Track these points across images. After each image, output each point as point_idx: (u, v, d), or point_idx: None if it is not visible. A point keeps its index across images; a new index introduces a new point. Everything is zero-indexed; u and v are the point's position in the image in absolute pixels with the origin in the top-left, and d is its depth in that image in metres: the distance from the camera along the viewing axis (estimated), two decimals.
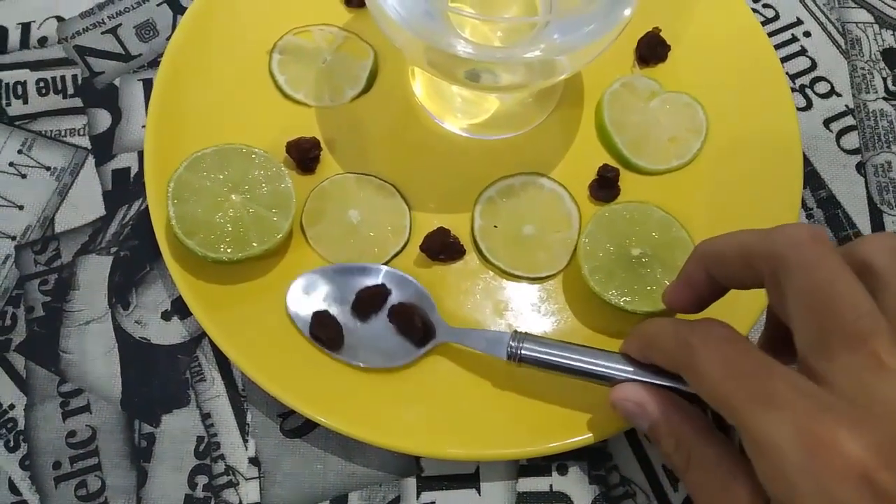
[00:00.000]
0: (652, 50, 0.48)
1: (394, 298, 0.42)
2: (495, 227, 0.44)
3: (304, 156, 0.44)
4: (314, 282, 0.42)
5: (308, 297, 0.42)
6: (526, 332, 0.39)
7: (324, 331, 0.41)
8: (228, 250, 0.40)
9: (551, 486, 0.41)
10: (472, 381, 0.41)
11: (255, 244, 0.40)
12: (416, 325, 0.41)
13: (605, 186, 0.44)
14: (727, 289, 0.36)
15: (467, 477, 0.41)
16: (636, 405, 0.35)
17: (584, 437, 0.39)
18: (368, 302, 0.42)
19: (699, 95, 0.46)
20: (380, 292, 0.42)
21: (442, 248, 0.43)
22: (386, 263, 0.43)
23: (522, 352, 0.38)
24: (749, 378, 0.29)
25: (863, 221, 0.47)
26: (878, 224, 0.46)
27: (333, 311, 0.42)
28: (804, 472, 0.26)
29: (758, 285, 0.33)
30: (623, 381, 0.36)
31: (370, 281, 0.42)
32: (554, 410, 0.40)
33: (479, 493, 0.41)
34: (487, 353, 0.39)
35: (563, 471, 0.41)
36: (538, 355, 0.38)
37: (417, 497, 0.41)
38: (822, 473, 0.26)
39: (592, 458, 0.41)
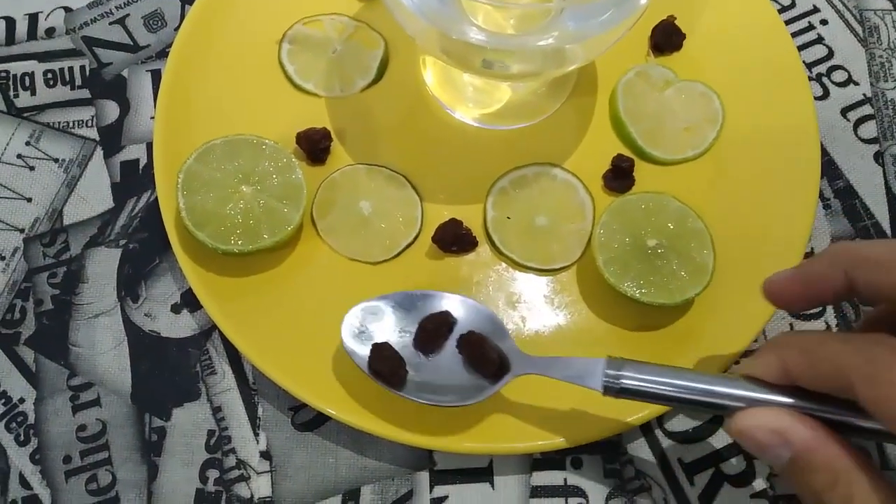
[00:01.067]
0: (667, 38, 0.47)
1: (461, 327, 0.38)
2: (508, 218, 0.43)
3: (314, 147, 0.44)
4: (370, 312, 0.39)
5: (364, 329, 0.39)
6: (622, 358, 0.34)
7: (385, 364, 0.37)
8: (239, 242, 0.40)
9: (566, 479, 0.40)
10: None
11: (265, 236, 0.40)
12: (489, 357, 0.37)
13: (619, 177, 0.44)
14: (851, 296, 0.32)
15: (481, 471, 0.41)
16: (773, 433, 0.30)
17: (598, 431, 0.39)
18: (433, 332, 0.38)
19: (715, 84, 0.46)
20: (445, 321, 0.38)
21: (454, 239, 0.42)
22: (397, 255, 0.43)
23: (623, 382, 0.34)
24: None
25: (881, 211, 0.46)
26: None
27: (394, 343, 0.38)
28: None
29: None
30: (747, 408, 0.32)
31: (432, 308, 0.39)
32: (568, 403, 0.39)
33: (493, 486, 0.40)
34: (576, 384, 0.35)
35: (577, 464, 0.41)
36: (642, 385, 0.33)
37: (430, 491, 0.40)
38: None
39: (607, 452, 0.41)
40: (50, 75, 0.49)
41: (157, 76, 0.49)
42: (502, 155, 0.45)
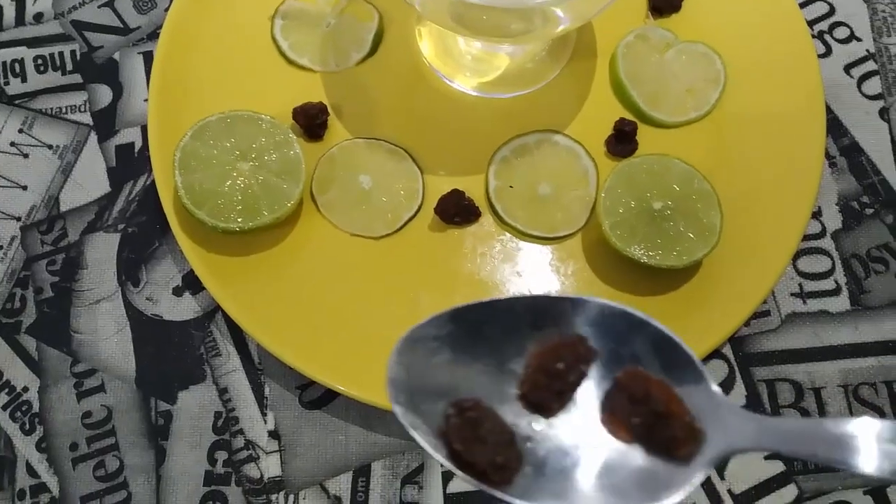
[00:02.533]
0: None
1: (606, 363, 0.23)
2: (511, 187, 0.43)
3: (311, 122, 0.43)
4: (433, 346, 0.22)
5: (428, 377, 0.22)
6: None
7: (482, 447, 0.21)
8: (239, 219, 0.39)
9: None
10: None
11: (265, 212, 0.39)
12: (685, 424, 0.21)
13: (622, 141, 0.43)
14: None
15: None
16: None
17: None
18: (563, 380, 0.22)
19: (716, 45, 0.45)
20: (583, 355, 0.23)
21: (457, 210, 0.42)
22: (400, 229, 0.42)
23: None
24: None
25: (888, 167, 0.45)
26: None
27: (487, 400, 0.22)
28: None
29: None
30: None
31: (545, 327, 0.23)
32: None
33: None
34: (864, 473, 0.20)
35: None
36: None
37: (442, 464, 0.40)
38: None
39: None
40: (40, 61, 0.48)
41: (149, 58, 0.48)
42: (503, 123, 0.44)
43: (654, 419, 0.21)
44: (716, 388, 0.22)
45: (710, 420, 0.21)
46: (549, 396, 0.22)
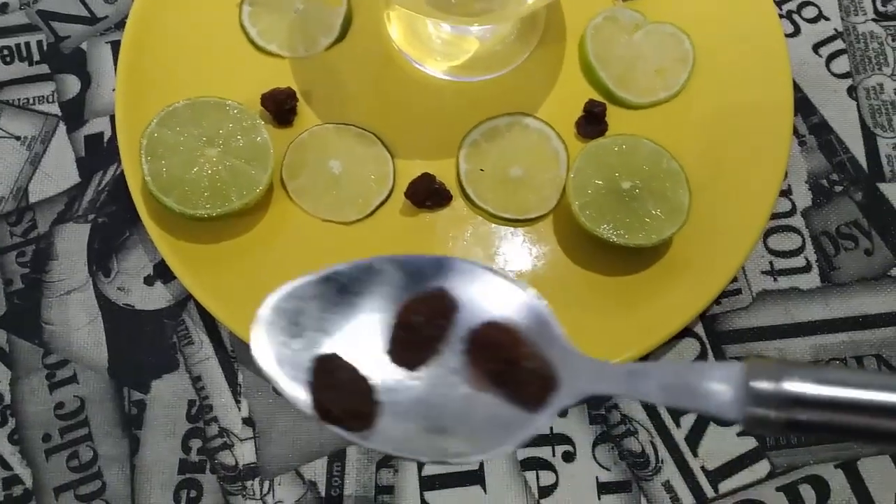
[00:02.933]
0: None
1: (468, 317, 0.24)
2: (481, 170, 0.43)
3: (280, 107, 0.43)
4: (302, 306, 0.24)
5: (294, 334, 0.24)
6: (777, 361, 0.21)
7: (339, 397, 0.23)
8: (207, 206, 0.39)
9: (551, 428, 0.40)
10: None
11: (234, 198, 0.39)
12: (528, 368, 0.23)
13: (592, 122, 0.43)
14: None
15: None
16: None
17: None
18: (421, 330, 0.24)
19: (684, 25, 0.45)
20: (440, 308, 0.24)
21: (427, 194, 0.42)
22: (371, 214, 0.42)
23: (797, 405, 0.20)
24: None
25: (856, 146, 0.45)
26: (871, 147, 0.45)
27: (351, 354, 0.24)
28: None
29: None
30: None
31: (413, 286, 0.24)
32: None
33: None
34: (690, 409, 0.23)
35: (562, 413, 0.40)
36: (837, 412, 0.20)
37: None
38: None
39: (592, 399, 0.41)
40: (6, 52, 0.48)
41: (117, 47, 0.48)
42: (473, 107, 0.44)
43: (508, 367, 0.23)
44: (566, 338, 0.23)
45: (563, 368, 0.23)
46: (410, 349, 0.24)
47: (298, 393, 0.24)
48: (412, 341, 0.24)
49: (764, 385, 0.20)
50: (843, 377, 0.20)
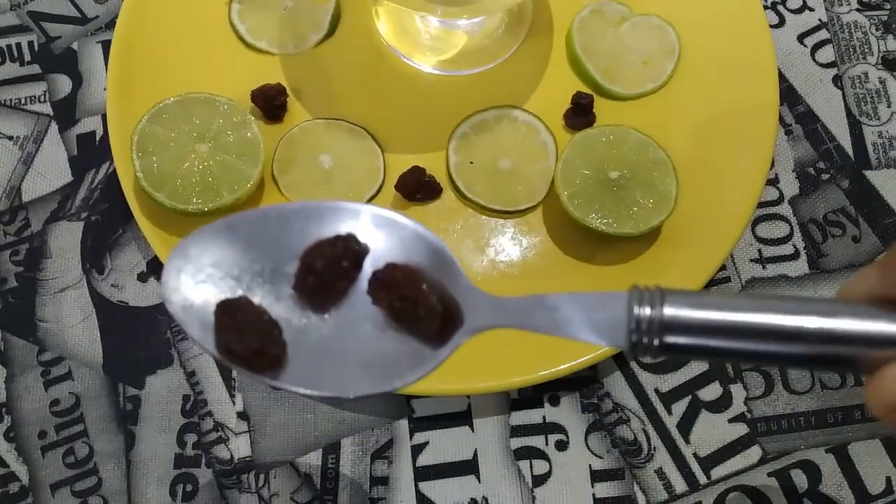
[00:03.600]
0: None
1: (375, 259, 0.25)
2: (471, 162, 0.43)
3: (270, 103, 0.43)
4: (211, 252, 0.25)
5: (206, 279, 0.24)
6: (659, 288, 0.22)
7: (241, 337, 0.24)
8: (198, 201, 0.39)
9: (544, 417, 0.40)
10: None
11: (225, 193, 0.39)
12: (426, 304, 0.24)
13: (579, 114, 0.44)
14: None
15: (460, 415, 0.41)
16: None
17: (573, 363, 0.39)
18: (327, 272, 0.25)
19: (670, 16, 0.45)
20: (346, 251, 0.25)
21: (418, 187, 0.42)
22: None
23: (663, 326, 0.21)
24: None
25: (842, 134, 0.46)
26: (857, 136, 0.46)
27: (259, 298, 0.25)
28: None
29: None
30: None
31: (322, 232, 0.25)
32: (542, 337, 0.39)
33: (473, 429, 0.40)
34: (577, 339, 0.23)
35: (555, 402, 0.41)
36: (703, 335, 0.21)
37: (411, 438, 0.40)
38: None
39: (584, 387, 0.41)
40: None
41: (108, 47, 0.48)
42: (462, 100, 0.44)
43: (409, 305, 0.24)
44: (466, 278, 0.25)
45: (466, 305, 0.24)
46: (317, 291, 0.25)
47: (208, 336, 0.24)
48: (318, 284, 0.25)
49: (644, 311, 0.21)
50: (719, 301, 0.21)
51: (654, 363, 0.41)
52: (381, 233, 0.25)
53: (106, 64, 0.47)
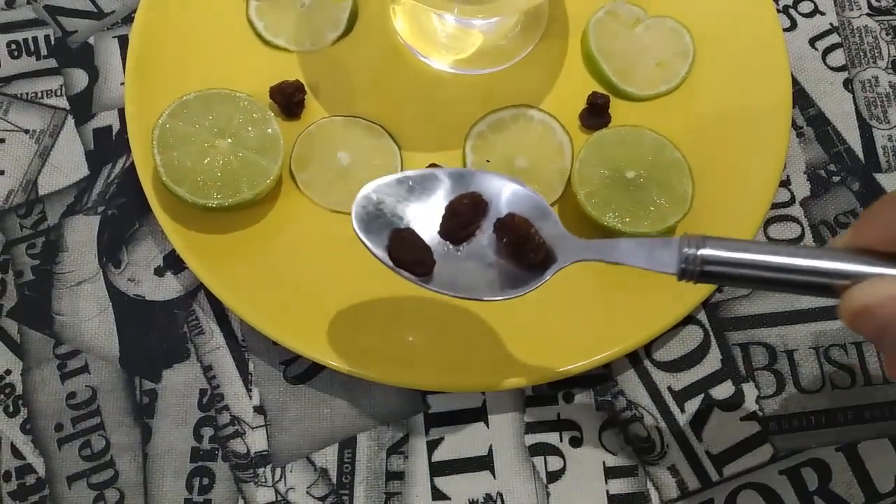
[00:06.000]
0: None
1: (495, 211, 0.34)
2: (487, 161, 0.43)
3: (288, 100, 0.43)
4: (386, 194, 0.34)
5: (381, 213, 0.34)
6: (702, 235, 0.30)
7: (408, 252, 0.33)
8: (219, 196, 0.39)
9: (559, 414, 0.41)
10: (470, 309, 0.40)
11: (245, 189, 0.40)
12: (535, 242, 0.33)
13: (595, 114, 0.44)
14: None
15: (475, 411, 0.41)
16: None
17: (587, 361, 0.39)
18: (463, 217, 0.34)
19: (684, 19, 0.46)
20: (477, 203, 0.34)
21: None
22: None
23: (706, 262, 0.29)
24: None
25: (853, 137, 0.46)
26: (867, 138, 0.46)
27: (418, 230, 0.34)
28: None
29: None
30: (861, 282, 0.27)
31: (460, 189, 0.34)
32: (557, 335, 0.40)
33: (488, 425, 0.41)
34: (644, 267, 0.31)
35: (569, 399, 0.41)
36: (730, 266, 0.29)
37: (426, 434, 0.41)
38: None
39: (598, 385, 0.41)
40: (14, 46, 0.48)
41: (124, 42, 0.48)
42: (478, 99, 0.45)
43: (526, 241, 0.33)
44: (561, 225, 0.33)
45: (558, 245, 0.33)
46: (456, 230, 0.34)
47: (380, 252, 0.33)
48: (457, 224, 0.34)
49: (690, 250, 0.30)
50: (743, 245, 0.29)
51: (669, 362, 0.42)
52: (498, 191, 0.34)
53: (122, 59, 0.48)
